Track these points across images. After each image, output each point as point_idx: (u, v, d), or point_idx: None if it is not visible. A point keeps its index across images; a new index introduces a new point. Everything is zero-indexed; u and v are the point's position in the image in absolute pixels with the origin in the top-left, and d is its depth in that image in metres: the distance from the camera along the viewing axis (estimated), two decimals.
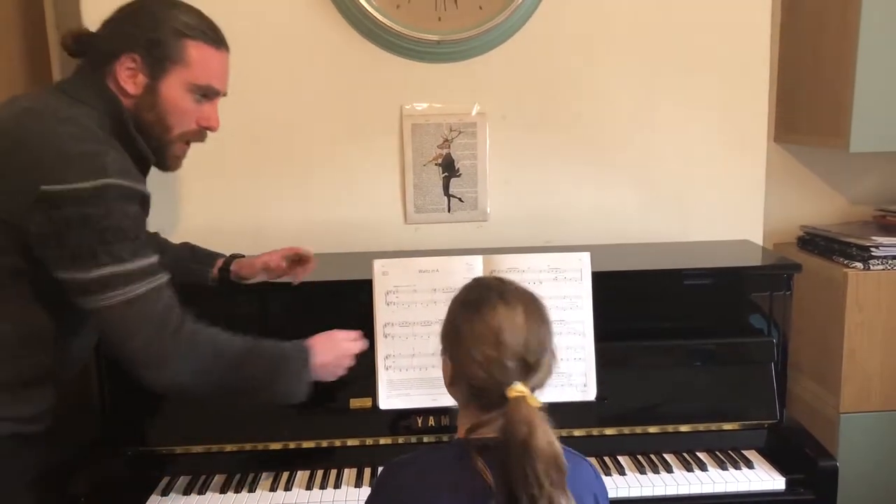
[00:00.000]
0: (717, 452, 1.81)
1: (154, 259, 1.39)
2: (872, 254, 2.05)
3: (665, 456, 1.80)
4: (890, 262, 2.06)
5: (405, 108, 2.13)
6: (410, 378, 1.73)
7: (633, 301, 1.92)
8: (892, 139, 2.06)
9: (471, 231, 2.20)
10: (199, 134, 1.53)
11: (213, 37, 1.49)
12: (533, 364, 1.14)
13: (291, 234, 2.14)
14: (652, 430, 1.83)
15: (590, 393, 1.74)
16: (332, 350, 1.60)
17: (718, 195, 2.22)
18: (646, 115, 2.18)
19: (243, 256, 1.82)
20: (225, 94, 1.54)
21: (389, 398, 1.72)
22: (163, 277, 1.40)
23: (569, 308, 1.75)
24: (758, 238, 2.24)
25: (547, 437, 1.09)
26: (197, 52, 1.46)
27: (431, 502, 1.15)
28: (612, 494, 1.66)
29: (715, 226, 2.23)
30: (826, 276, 2.12)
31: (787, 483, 1.71)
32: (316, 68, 2.11)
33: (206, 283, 1.80)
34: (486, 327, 1.14)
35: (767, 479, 1.72)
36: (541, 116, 2.16)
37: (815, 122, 2.19)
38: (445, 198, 2.18)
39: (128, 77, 1.43)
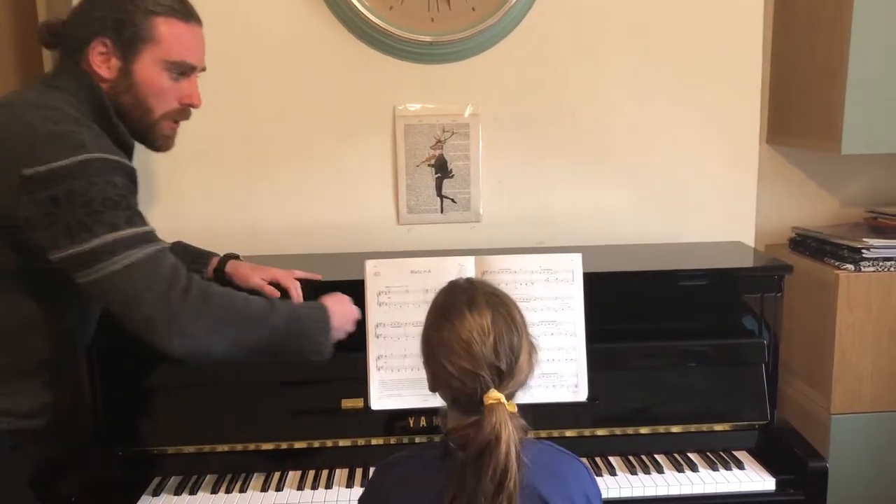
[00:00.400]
0: (708, 453, 1.82)
1: (150, 228, 1.37)
2: (863, 255, 2.06)
3: (656, 456, 1.81)
4: (881, 263, 2.07)
5: (398, 109, 2.13)
6: (402, 378, 1.74)
7: (625, 302, 1.92)
8: (883, 142, 2.06)
9: (464, 232, 2.20)
10: (183, 112, 1.52)
11: (183, 10, 1.47)
12: (506, 370, 1.14)
13: (284, 234, 2.15)
14: (643, 430, 1.83)
15: (581, 394, 1.75)
16: (339, 304, 1.62)
17: (711, 196, 2.23)
18: (639, 116, 2.18)
19: (238, 257, 1.81)
20: (203, 69, 1.52)
21: (381, 398, 1.72)
22: (162, 244, 1.39)
23: (560, 309, 1.76)
24: (750, 239, 2.24)
25: (508, 448, 1.08)
26: (167, 28, 1.44)
27: (417, 495, 1.16)
28: (603, 495, 1.65)
29: (707, 227, 2.24)
30: (817, 277, 2.13)
31: (778, 484, 1.72)
32: (309, 69, 2.11)
33: None
34: (455, 337, 1.14)
35: (758, 479, 1.73)
36: (533, 118, 2.16)
37: (806, 124, 2.20)
38: (438, 198, 2.18)
39: (101, 62, 1.42)
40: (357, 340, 1.74)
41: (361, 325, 1.74)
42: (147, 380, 1.77)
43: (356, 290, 1.74)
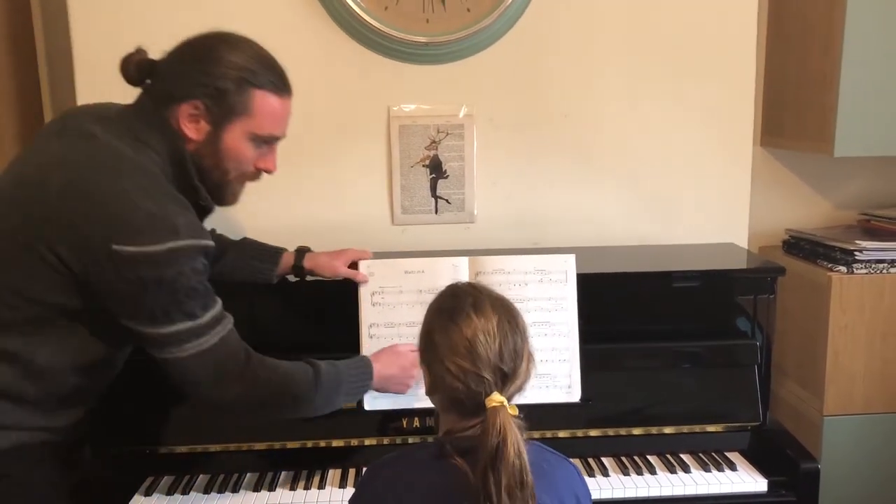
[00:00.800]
0: (701, 454, 1.82)
1: (219, 305, 1.42)
2: (856, 258, 2.07)
3: (649, 457, 1.81)
4: (873, 265, 2.08)
5: (393, 110, 2.13)
6: None
7: (618, 303, 1.93)
8: (875, 144, 2.08)
9: (458, 233, 2.20)
10: (256, 175, 1.53)
11: (280, 83, 1.47)
12: (509, 373, 1.15)
13: (278, 234, 2.13)
14: (636, 431, 1.84)
15: (574, 394, 1.75)
16: (396, 362, 1.65)
17: (704, 198, 2.24)
18: (633, 118, 2.19)
19: (309, 249, 1.81)
20: (284, 137, 1.53)
21: (375, 399, 1.72)
22: (229, 322, 1.43)
23: (554, 310, 1.76)
24: (743, 241, 2.25)
25: (517, 448, 1.10)
26: (263, 102, 1.44)
27: (410, 495, 1.16)
28: (595, 496, 1.67)
29: (701, 229, 2.24)
30: (810, 279, 2.14)
31: (770, 485, 1.72)
32: (303, 69, 2.08)
33: (269, 282, 1.80)
34: (460, 338, 1.14)
35: (750, 480, 1.73)
36: (528, 119, 2.17)
37: (800, 126, 2.21)
38: (433, 199, 2.18)
39: (190, 123, 1.42)
40: (352, 340, 1.75)
41: (355, 325, 1.74)
42: (139, 379, 1.77)
43: (349, 291, 1.74)
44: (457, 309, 1.18)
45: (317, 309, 1.84)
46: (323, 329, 1.84)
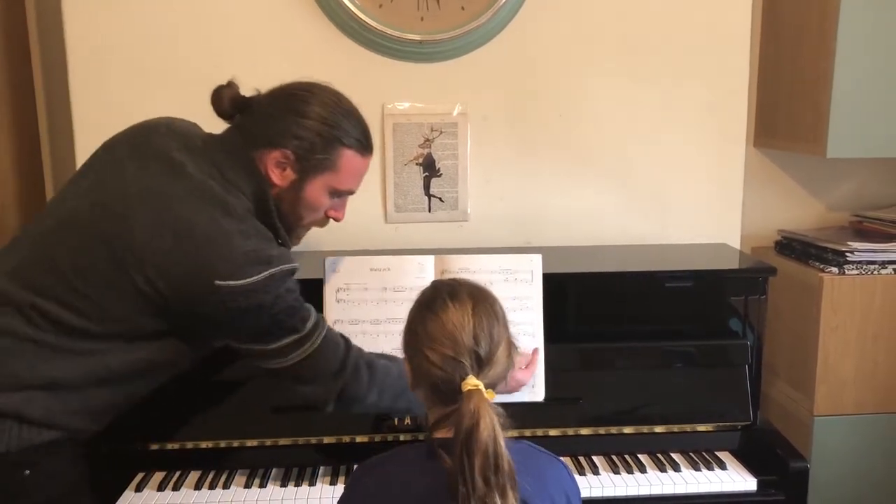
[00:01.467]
0: (691, 453, 1.83)
1: (314, 313, 1.49)
2: (848, 259, 2.07)
3: (639, 456, 1.82)
4: (865, 266, 2.08)
5: (387, 108, 2.13)
6: None
7: (610, 302, 1.93)
8: (868, 146, 2.08)
9: (451, 231, 2.21)
10: (324, 222, 1.59)
11: (366, 144, 1.54)
12: (485, 358, 1.16)
13: None
14: (627, 430, 1.84)
15: (538, 394, 1.74)
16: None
17: (697, 198, 2.24)
18: (627, 117, 2.19)
19: None
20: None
21: None
22: (325, 325, 1.50)
23: (519, 309, 1.75)
24: (736, 242, 2.25)
25: (490, 431, 1.10)
26: (349, 161, 1.50)
27: (400, 495, 1.16)
28: (585, 494, 1.68)
29: (693, 229, 2.25)
30: (802, 280, 2.14)
31: (759, 484, 1.73)
32: (297, 66, 2.08)
33: None
34: (437, 325, 1.17)
35: (739, 479, 1.74)
36: (522, 118, 2.17)
37: (793, 127, 2.21)
38: (426, 197, 2.18)
39: (277, 169, 1.46)
40: None
41: None
42: None
43: (314, 287, 1.74)
44: (435, 299, 1.20)
45: None
46: None
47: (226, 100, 1.49)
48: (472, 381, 1.13)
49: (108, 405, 1.46)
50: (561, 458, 1.29)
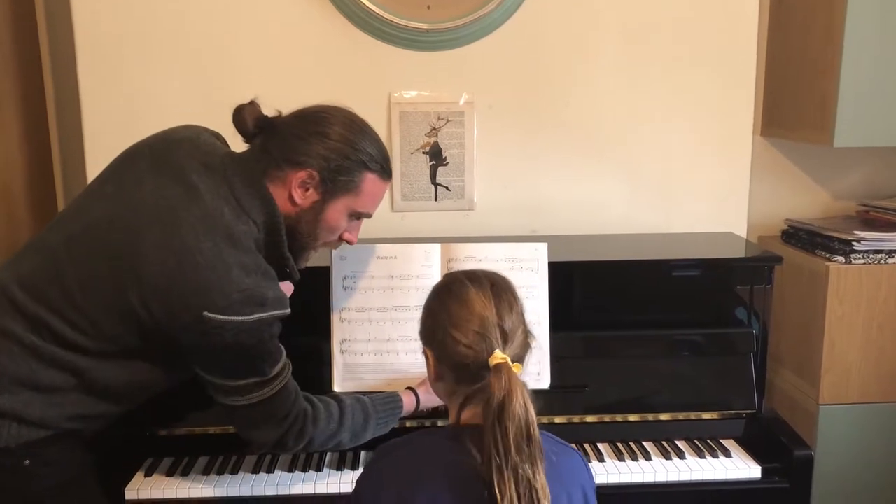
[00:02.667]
0: (696, 441, 1.83)
1: (284, 357, 1.48)
2: (854, 248, 2.07)
3: (644, 444, 1.82)
4: (871, 256, 2.08)
5: (393, 96, 2.14)
6: (365, 363, 1.76)
7: (616, 291, 1.94)
8: (875, 135, 2.08)
9: (457, 220, 2.21)
10: (337, 244, 1.60)
11: (387, 169, 1.54)
12: (510, 331, 1.19)
13: None
14: (632, 418, 1.85)
15: (543, 381, 1.75)
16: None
17: (704, 187, 2.24)
18: (633, 106, 2.19)
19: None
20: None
21: (344, 381, 1.75)
22: (289, 371, 1.49)
23: (525, 298, 1.72)
24: (742, 231, 2.25)
25: (523, 403, 1.12)
26: (371, 184, 1.51)
27: (422, 483, 1.17)
28: None
29: (699, 218, 2.25)
30: (808, 269, 2.14)
31: (763, 472, 1.74)
32: (304, 55, 2.11)
33: None
34: (461, 306, 1.19)
35: (744, 467, 1.74)
36: (528, 106, 2.17)
37: (800, 116, 2.21)
38: (432, 186, 2.19)
39: (301, 189, 1.47)
40: (324, 325, 1.76)
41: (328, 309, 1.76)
42: None
43: (324, 276, 1.75)
44: (453, 284, 1.24)
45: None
46: (298, 314, 1.85)
47: (249, 119, 1.50)
48: (499, 355, 1.15)
49: (106, 413, 1.48)
50: (576, 450, 1.30)
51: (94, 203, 1.46)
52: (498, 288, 1.22)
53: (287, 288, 1.58)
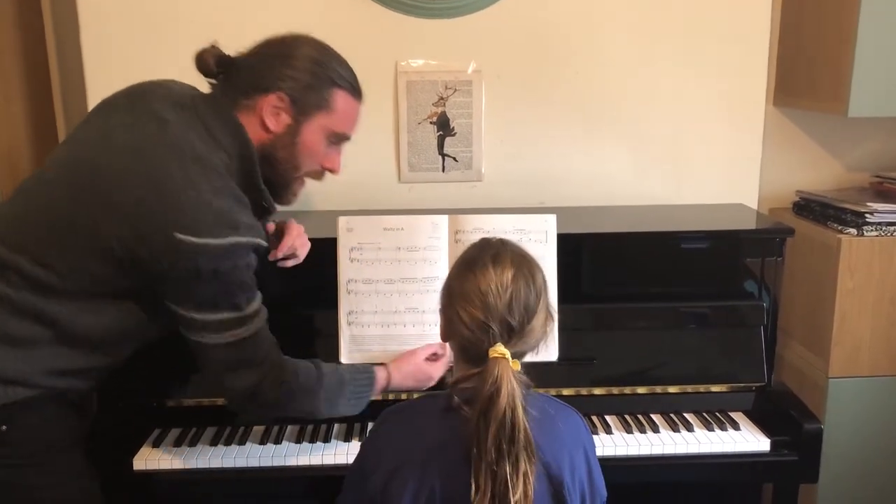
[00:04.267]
0: (705, 413, 1.83)
1: (259, 298, 1.45)
2: (867, 220, 2.05)
3: (652, 416, 1.82)
4: (884, 228, 2.06)
5: (400, 65, 2.10)
6: (372, 334, 1.75)
7: (625, 263, 1.92)
8: (890, 105, 2.04)
9: (465, 191, 2.19)
10: (321, 174, 1.56)
11: (357, 88, 1.53)
12: (517, 328, 1.16)
13: None
14: (640, 390, 1.84)
15: (551, 354, 1.74)
16: (413, 360, 1.69)
17: (715, 158, 2.21)
18: (644, 75, 2.16)
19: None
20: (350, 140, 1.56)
21: (351, 353, 1.75)
22: (264, 315, 1.46)
23: None
24: (753, 202, 2.23)
25: (510, 400, 1.11)
26: (343, 102, 1.49)
27: (417, 448, 1.17)
28: (598, 453, 1.66)
29: (710, 189, 2.22)
30: (820, 241, 2.12)
31: (772, 445, 1.73)
32: (309, 22, 2.03)
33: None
34: (473, 287, 1.16)
35: (753, 440, 1.74)
36: (537, 76, 2.14)
37: (814, 86, 2.17)
38: (440, 157, 2.16)
39: (272, 114, 1.44)
40: (330, 296, 1.74)
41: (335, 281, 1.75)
42: None
43: (331, 248, 1.73)
44: (478, 259, 1.19)
45: (299, 266, 1.84)
46: (305, 286, 1.84)
47: (210, 60, 1.47)
48: (499, 349, 1.14)
49: (87, 368, 1.45)
50: (578, 412, 1.30)
51: (67, 148, 1.46)
52: (519, 276, 1.18)
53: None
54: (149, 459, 1.66)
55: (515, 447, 1.11)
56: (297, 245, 1.69)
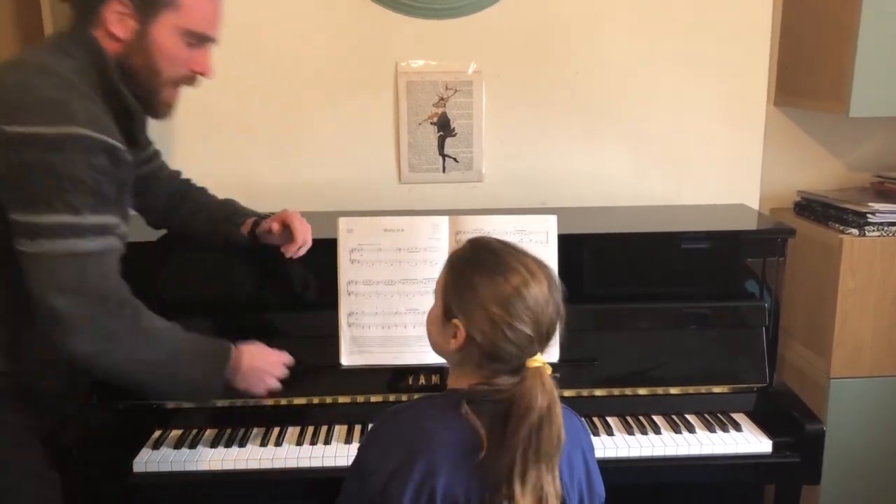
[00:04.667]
0: (706, 415, 1.82)
1: (115, 221, 1.35)
2: (869, 220, 2.04)
3: (654, 417, 1.81)
4: (886, 228, 2.05)
5: (400, 66, 2.10)
6: (373, 336, 1.74)
7: (626, 263, 1.92)
8: (891, 104, 2.03)
9: (465, 192, 2.19)
10: (191, 79, 1.49)
11: None
12: (552, 335, 1.18)
13: (282, 191, 2.13)
14: (641, 391, 1.83)
15: (552, 355, 1.73)
16: (263, 356, 1.56)
17: (716, 158, 2.21)
18: (645, 75, 2.15)
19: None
20: (216, 42, 1.50)
21: (351, 354, 1.74)
22: (118, 247, 1.36)
23: None
24: (754, 203, 2.22)
25: (560, 413, 1.13)
26: None
27: (422, 442, 1.16)
28: (599, 454, 1.66)
29: (711, 189, 2.22)
30: (821, 241, 2.11)
31: (774, 446, 1.72)
32: (310, 23, 2.07)
33: (237, 241, 1.74)
34: (518, 299, 1.14)
35: (755, 441, 1.73)
36: (537, 76, 2.13)
37: (815, 85, 2.16)
38: (440, 157, 2.16)
39: (116, 21, 1.39)
40: (330, 299, 1.74)
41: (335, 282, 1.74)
42: None
43: (331, 249, 1.72)
44: (510, 270, 1.16)
45: (297, 266, 1.82)
46: (302, 286, 1.85)
47: None
48: (539, 359, 1.14)
49: (16, 343, 1.37)
50: (575, 413, 1.30)
51: None
52: (553, 286, 1.17)
53: None
54: (148, 461, 1.65)
55: (558, 452, 1.13)
56: (305, 231, 1.67)
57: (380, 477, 1.17)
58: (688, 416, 1.81)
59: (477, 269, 1.18)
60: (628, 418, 1.80)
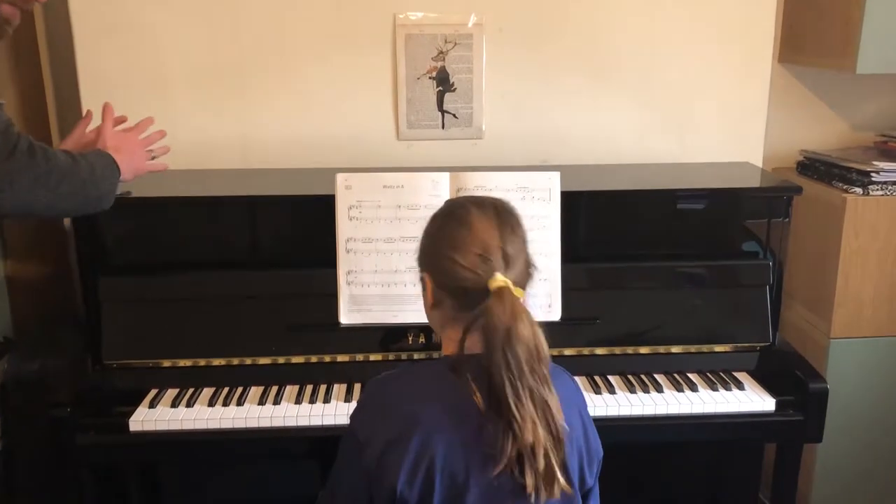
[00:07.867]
0: (709, 374, 1.81)
1: None
2: (872, 179, 2.02)
3: (656, 376, 1.80)
4: (889, 187, 2.03)
5: (398, 18, 2.04)
6: (372, 294, 1.72)
7: (629, 221, 1.89)
8: None
9: (465, 149, 2.14)
10: (27, 2, 1.41)
11: None
12: (512, 256, 1.16)
13: (278, 148, 2.09)
14: (643, 350, 1.82)
15: (554, 313, 1.72)
16: (125, 138, 1.61)
17: (719, 116, 2.16)
18: (649, 30, 2.10)
19: None
20: None
21: (350, 313, 1.71)
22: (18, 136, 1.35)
23: (536, 228, 1.69)
24: (758, 161, 2.19)
25: (530, 325, 1.11)
26: None
27: (417, 413, 1.14)
28: (601, 413, 1.67)
29: (715, 148, 2.18)
30: (824, 201, 2.09)
31: (777, 404, 1.71)
32: None
33: None
34: (464, 230, 1.17)
35: (758, 400, 1.72)
36: (539, 29, 2.07)
37: (822, 42, 2.12)
38: (439, 113, 2.11)
39: None
40: (329, 257, 1.71)
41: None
42: (142, 293, 1.75)
43: (329, 205, 1.69)
44: (455, 208, 1.22)
45: (295, 223, 1.82)
46: (301, 245, 1.82)
47: None
48: (500, 278, 1.12)
49: None
50: (567, 372, 1.28)
51: None
52: (502, 212, 1.20)
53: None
54: (145, 420, 1.62)
55: (543, 366, 1.11)
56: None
57: (375, 448, 1.14)
58: (690, 375, 1.80)
59: (433, 221, 1.24)
60: (630, 377, 1.79)
